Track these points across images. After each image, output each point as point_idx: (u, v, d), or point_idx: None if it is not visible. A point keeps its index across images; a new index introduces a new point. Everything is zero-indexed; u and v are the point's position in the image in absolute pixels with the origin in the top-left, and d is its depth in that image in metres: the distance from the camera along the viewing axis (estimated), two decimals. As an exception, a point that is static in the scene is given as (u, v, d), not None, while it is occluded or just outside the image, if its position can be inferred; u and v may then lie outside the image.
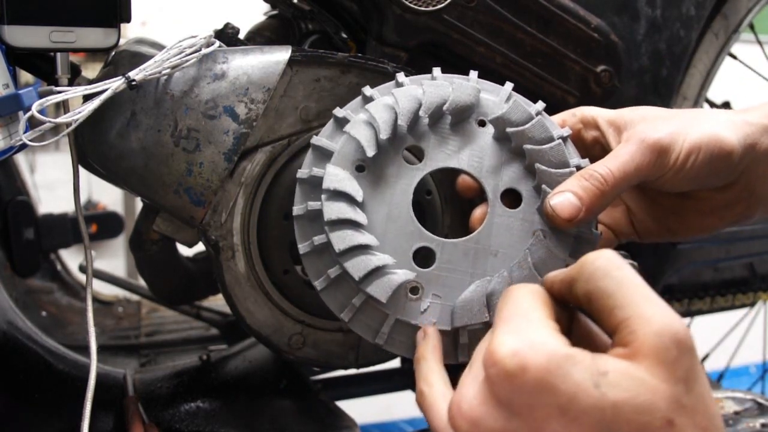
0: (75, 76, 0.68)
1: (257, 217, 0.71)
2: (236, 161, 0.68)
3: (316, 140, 0.57)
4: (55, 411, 0.83)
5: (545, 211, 0.53)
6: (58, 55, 0.62)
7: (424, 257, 0.55)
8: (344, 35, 0.89)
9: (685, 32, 0.94)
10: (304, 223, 0.56)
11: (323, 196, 0.53)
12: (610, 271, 0.40)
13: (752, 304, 1.36)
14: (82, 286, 1.39)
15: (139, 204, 0.81)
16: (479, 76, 0.62)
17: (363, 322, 0.55)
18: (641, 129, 0.54)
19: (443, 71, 0.62)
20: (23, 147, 0.59)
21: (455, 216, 0.78)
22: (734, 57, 1.14)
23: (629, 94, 0.91)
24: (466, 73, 0.62)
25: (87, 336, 0.65)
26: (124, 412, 0.80)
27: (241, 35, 0.79)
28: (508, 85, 0.60)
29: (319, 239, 0.54)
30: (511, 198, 0.56)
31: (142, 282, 1.04)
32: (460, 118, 0.57)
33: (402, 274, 0.52)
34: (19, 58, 0.63)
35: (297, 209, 0.56)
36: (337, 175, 0.54)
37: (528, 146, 0.55)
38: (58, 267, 1.42)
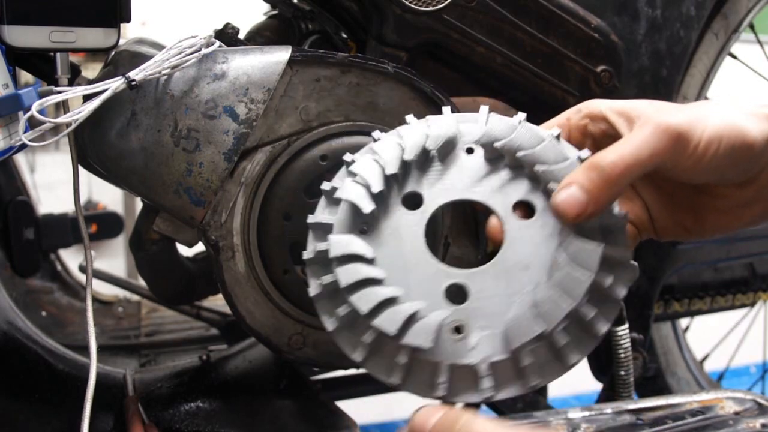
0: (75, 76, 0.68)
1: (257, 217, 0.71)
2: (236, 161, 0.68)
3: (311, 219, 0.55)
4: (55, 411, 0.83)
5: (553, 211, 0.50)
6: (58, 55, 0.62)
7: (456, 294, 0.52)
8: (344, 35, 0.90)
9: (685, 32, 0.94)
10: (324, 302, 0.54)
11: (335, 266, 0.51)
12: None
13: (752, 304, 1.36)
14: (82, 286, 1.39)
15: (139, 204, 0.81)
16: (479, 76, 0.62)
17: (417, 381, 0.50)
18: (657, 115, 0.51)
19: (443, 71, 0.62)
20: (23, 147, 0.59)
21: (456, 216, 0.78)
22: (734, 57, 1.14)
23: (629, 94, 0.91)
24: (466, 73, 0.62)
25: (87, 336, 0.65)
26: (124, 412, 0.80)
27: (241, 35, 0.79)
28: (484, 108, 0.58)
29: (344, 310, 0.51)
30: (524, 210, 0.54)
31: (142, 282, 1.04)
32: (446, 152, 0.55)
33: (437, 315, 0.49)
34: (19, 58, 0.63)
35: (312, 290, 0.54)
36: (341, 241, 0.51)
37: (521, 153, 0.53)
38: (58, 267, 1.42)
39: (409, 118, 0.58)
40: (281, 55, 0.69)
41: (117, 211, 1.76)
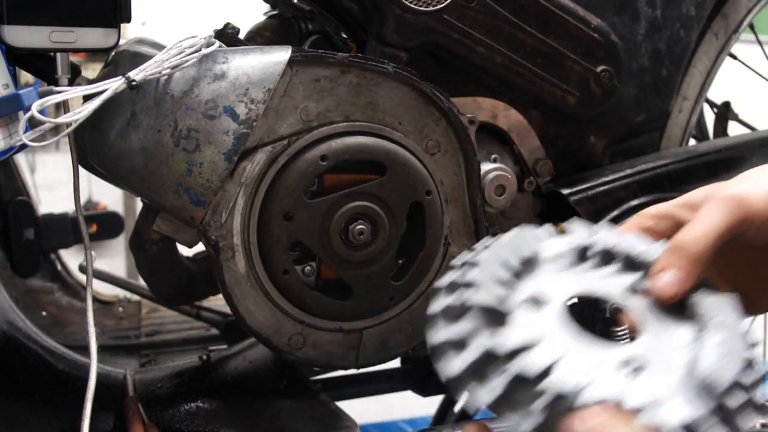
0: (75, 76, 0.68)
1: (257, 217, 0.71)
2: (236, 161, 0.68)
3: (438, 339, 0.49)
4: (55, 411, 0.83)
5: (653, 294, 0.53)
6: (58, 55, 0.63)
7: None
8: (344, 35, 0.90)
9: (685, 32, 0.94)
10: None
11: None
12: None
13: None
14: (82, 286, 1.39)
15: (139, 204, 0.81)
16: (479, 76, 0.62)
17: None
18: (717, 190, 0.54)
19: (443, 71, 0.62)
20: (23, 147, 0.59)
21: (456, 217, 0.78)
22: (734, 57, 1.14)
23: (629, 94, 0.91)
24: (466, 73, 0.62)
25: (87, 336, 0.65)
26: (124, 412, 0.80)
27: (241, 35, 0.79)
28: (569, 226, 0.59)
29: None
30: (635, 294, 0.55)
31: (142, 282, 1.04)
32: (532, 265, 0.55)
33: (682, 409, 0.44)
34: (19, 58, 0.63)
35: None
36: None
37: (620, 250, 0.55)
38: (58, 267, 1.42)
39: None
40: (281, 55, 0.69)
41: (117, 211, 1.76)
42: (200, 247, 0.77)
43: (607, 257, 0.56)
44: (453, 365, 0.46)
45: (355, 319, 0.76)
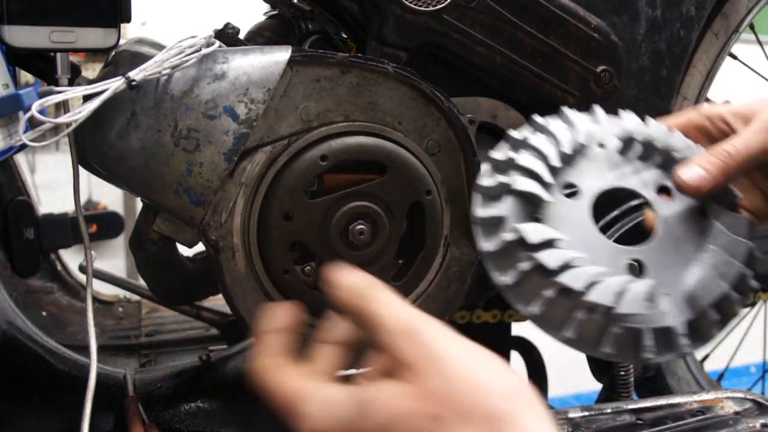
0: (75, 76, 0.68)
1: (257, 217, 0.71)
2: (236, 161, 0.68)
3: (480, 214, 0.57)
4: (55, 411, 0.83)
5: (674, 181, 0.58)
6: (58, 55, 0.62)
7: (634, 269, 0.57)
8: (344, 35, 0.89)
9: (685, 32, 0.94)
10: (518, 290, 0.55)
11: (536, 251, 0.53)
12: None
13: (752, 304, 1.35)
14: (82, 286, 1.39)
15: (139, 204, 0.81)
16: (479, 76, 0.63)
17: (624, 347, 0.54)
18: (765, 112, 0.58)
19: (443, 71, 0.63)
20: (23, 147, 0.59)
21: (456, 217, 0.78)
22: (734, 57, 1.14)
23: (629, 94, 0.91)
24: (466, 73, 0.63)
25: (87, 336, 0.65)
26: (124, 412, 0.80)
27: (241, 35, 0.79)
28: (598, 108, 0.65)
29: (553, 292, 0.53)
30: (663, 193, 0.61)
31: (142, 282, 1.03)
32: (587, 147, 0.61)
33: (643, 284, 0.53)
34: (19, 58, 0.63)
35: (504, 279, 0.55)
36: (537, 229, 0.54)
37: (659, 143, 0.61)
38: (58, 267, 1.42)
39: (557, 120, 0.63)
40: (281, 55, 0.69)
41: (117, 211, 1.76)
42: (200, 247, 0.77)
43: (649, 150, 0.61)
44: (487, 243, 0.55)
45: (355, 319, 0.76)
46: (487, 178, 0.59)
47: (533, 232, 0.53)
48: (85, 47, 0.62)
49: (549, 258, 0.52)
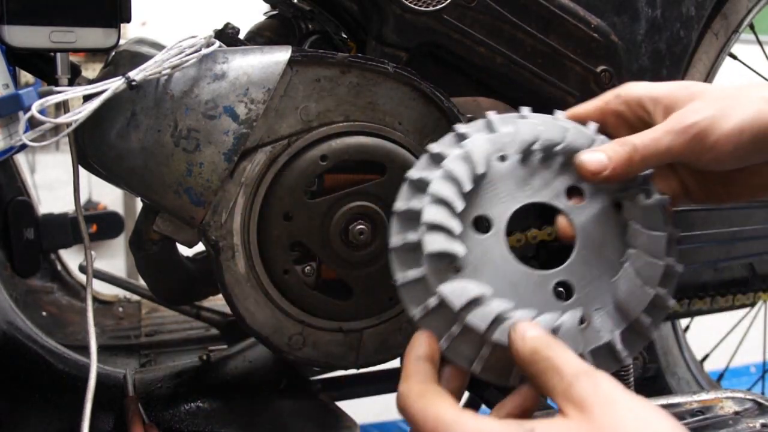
0: (75, 76, 0.68)
1: (257, 217, 0.71)
2: (236, 161, 0.68)
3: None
4: (55, 411, 0.83)
5: (575, 165, 0.56)
6: (58, 55, 0.62)
7: (561, 292, 0.56)
8: (344, 35, 0.89)
9: (685, 32, 0.94)
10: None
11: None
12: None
13: (752, 304, 1.35)
14: (82, 286, 1.39)
15: (139, 204, 0.81)
16: (479, 76, 0.62)
17: None
18: (682, 111, 0.55)
19: (443, 71, 0.62)
20: (23, 147, 0.59)
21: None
22: (734, 57, 1.14)
23: (629, 94, 0.91)
24: (466, 73, 0.62)
25: (87, 336, 0.65)
26: (124, 412, 0.80)
27: (241, 35, 0.79)
28: (490, 114, 0.60)
29: (457, 328, 0.52)
30: (575, 195, 0.58)
31: (142, 282, 1.03)
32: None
33: (571, 314, 0.53)
34: (19, 58, 0.63)
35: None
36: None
37: (557, 148, 0.57)
38: (58, 267, 1.42)
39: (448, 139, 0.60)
40: (281, 55, 0.69)
41: (117, 211, 1.75)
42: (200, 247, 0.77)
43: (549, 153, 0.58)
44: (414, 309, 0.53)
45: (355, 319, 0.76)
46: (401, 201, 0.57)
47: (457, 296, 0.51)
48: (85, 47, 0.62)
49: (476, 319, 0.50)
